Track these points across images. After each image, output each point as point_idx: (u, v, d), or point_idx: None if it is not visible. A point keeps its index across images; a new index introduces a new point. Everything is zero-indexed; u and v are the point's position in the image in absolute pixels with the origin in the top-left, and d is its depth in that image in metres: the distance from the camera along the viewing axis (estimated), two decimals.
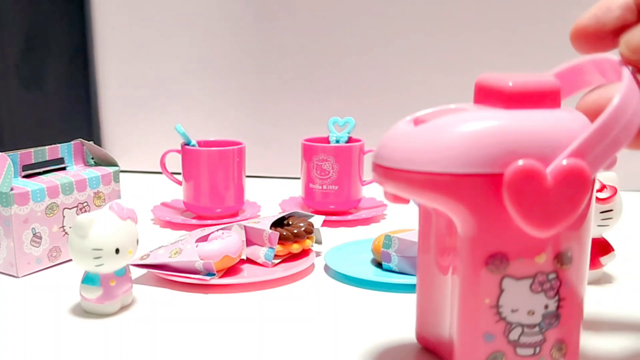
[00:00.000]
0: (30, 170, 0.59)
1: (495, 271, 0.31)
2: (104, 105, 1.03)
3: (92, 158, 0.65)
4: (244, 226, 0.58)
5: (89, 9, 1.00)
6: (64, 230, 0.58)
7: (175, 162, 0.76)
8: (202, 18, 0.97)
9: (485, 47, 0.89)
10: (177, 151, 0.74)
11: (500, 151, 0.29)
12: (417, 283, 0.38)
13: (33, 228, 0.55)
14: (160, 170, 0.77)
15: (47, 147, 0.61)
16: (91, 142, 0.64)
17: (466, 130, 0.30)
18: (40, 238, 0.56)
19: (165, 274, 0.52)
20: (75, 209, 0.59)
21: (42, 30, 1.03)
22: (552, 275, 0.32)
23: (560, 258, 0.32)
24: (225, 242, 0.53)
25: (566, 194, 0.29)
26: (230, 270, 0.55)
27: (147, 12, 0.98)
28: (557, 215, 0.30)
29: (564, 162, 0.29)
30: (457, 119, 0.30)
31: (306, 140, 0.76)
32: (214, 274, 0.52)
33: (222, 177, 0.71)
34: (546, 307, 0.32)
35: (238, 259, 0.55)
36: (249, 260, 0.57)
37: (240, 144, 0.74)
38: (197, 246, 0.53)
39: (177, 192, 0.78)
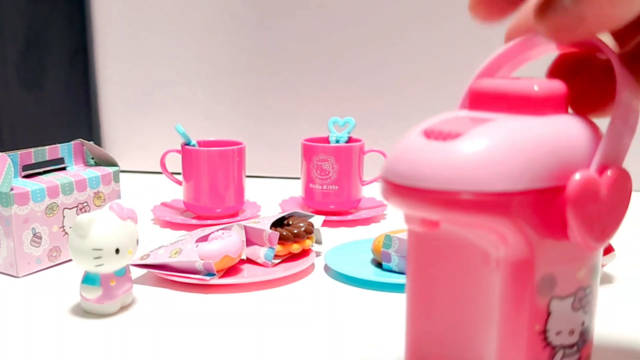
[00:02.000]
0: (31, 170, 0.59)
1: (545, 294, 0.29)
2: (104, 105, 1.03)
3: (92, 158, 0.65)
4: (244, 226, 0.58)
5: (89, 9, 1.00)
6: (64, 230, 0.58)
7: (175, 162, 0.76)
8: (202, 18, 0.97)
9: (486, 48, 0.88)
10: (177, 151, 0.74)
11: (555, 163, 0.27)
12: (409, 307, 0.33)
13: (33, 228, 0.55)
14: (160, 170, 0.77)
15: (47, 147, 0.61)
16: (91, 142, 0.64)
17: (515, 142, 0.26)
18: (40, 238, 0.56)
19: (165, 274, 0.52)
20: (76, 209, 0.59)
21: (42, 30, 1.03)
22: (588, 290, 0.30)
23: (594, 270, 0.30)
24: (225, 242, 0.53)
25: (617, 203, 0.28)
26: (230, 270, 0.55)
27: (147, 12, 0.98)
28: (611, 225, 0.29)
29: (609, 171, 0.28)
30: (496, 130, 0.27)
31: (306, 140, 0.76)
32: (214, 274, 0.52)
33: (222, 177, 0.71)
34: (583, 323, 0.31)
35: (238, 259, 0.55)
36: (249, 260, 0.57)
37: (240, 144, 0.74)
38: (197, 246, 0.53)
39: (177, 192, 0.78)
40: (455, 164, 0.26)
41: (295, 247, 0.57)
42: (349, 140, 0.76)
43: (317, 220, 0.61)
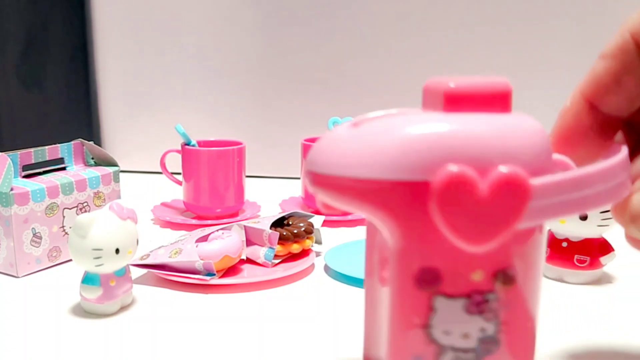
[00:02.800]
0: (30, 170, 0.59)
1: (426, 288, 0.28)
2: (104, 105, 1.03)
3: (92, 158, 0.65)
4: (244, 226, 0.58)
5: (89, 8, 1.00)
6: (64, 230, 0.58)
7: (175, 162, 0.76)
8: (202, 18, 0.97)
9: (486, 49, 0.89)
10: (177, 151, 0.74)
11: (428, 157, 0.26)
12: (365, 301, 0.34)
13: (33, 228, 0.55)
14: (160, 170, 0.77)
15: (47, 147, 0.61)
16: (91, 142, 0.64)
17: (392, 134, 0.27)
18: (40, 238, 0.56)
19: (165, 274, 0.52)
20: (75, 209, 0.59)
21: (42, 30, 1.03)
22: (490, 296, 0.28)
23: (500, 276, 0.28)
24: (225, 242, 0.53)
25: (502, 205, 0.26)
26: (230, 270, 0.55)
27: (147, 12, 0.98)
28: (492, 228, 0.26)
29: (502, 169, 0.26)
30: (386, 123, 0.28)
31: (306, 140, 0.76)
32: (214, 274, 0.52)
33: (222, 177, 0.71)
34: (483, 330, 0.28)
35: (238, 259, 0.55)
36: (249, 260, 0.57)
37: (240, 144, 0.74)
38: (197, 246, 0.53)
39: (177, 192, 0.78)
40: (341, 151, 0.28)
41: (295, 247, 0.57)
42: None
43: (317, 220, 0.61)
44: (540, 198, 0.26)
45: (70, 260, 0.57)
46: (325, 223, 0.64)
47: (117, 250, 0.45)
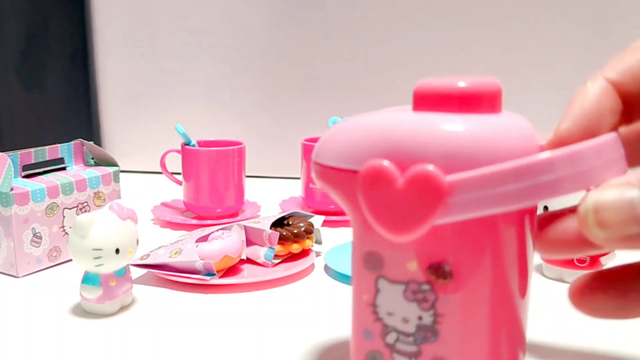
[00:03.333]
0: (30, 170, 0.59)
1: (372, 269, 0.31)
2: (104, 105, 1.03)
3: (92, 158, 0.65)
4: (244, 226, 0.58)
5: (89, 8, 1.00)
6: (64, 230, 0.58)
7: (175, 162, 0.76)
8: (202, 18, 0.97)
9: (487, 47, 0.89)
10: (177, 151, 0.74)
11: (366, 149, 0.29)
12: None
13: (33, 228, 0.55)
14: (160, 170, 0.77)
15: (47, 147, 0.61)
16: (91, 142, 0.64)
17: (350, 129, 0.30)
18: (40, 238, 0.56)
19: (165, 274, 0.52)
20: (75, 209, 0.59)
21: (42, 30, 1.03)
22: (425, 287, 0.29)
23: (434, 270, 0.29)
24: (225, 242, 0.53)
25: (417, 200, 0.27)
26: (230, 270, 0.55)
27: (147, 12, 0.98)
28: (410, 220, 0.27)
29: (418, 167, 0.27)
30: (358, 119, 0.31)
31: (306, 140, 0.76)
32: (214, 274, 0.52)
33: (222, 177, 0.71)
34: (420, 318, 0.30)
35: (238, 259, 0.55)
36: (249, 260, 0.57)
37: (240, 144, 0.74)
38: (197, 246, 0.53)
39: (177, 192, 0.78)
40: (322, 141, 0.32)
41: (295, 247, 0.57)
42: None
43: (317, 220, 0.61)
44: (461, 194, 0.26)
45: (70, 260, 0.57)
46: (325, 223, 0.65)
47: (117, 250, 0.45)
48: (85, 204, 0.60)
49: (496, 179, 0.26)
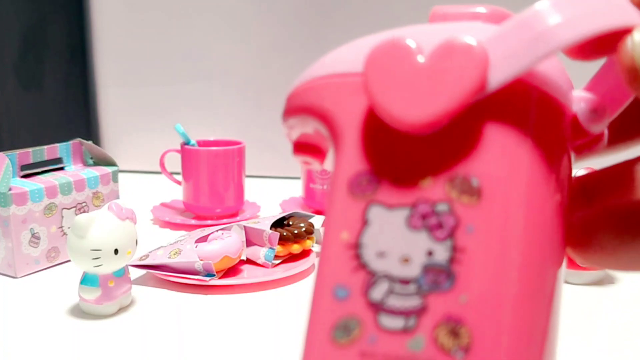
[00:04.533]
0: (29, 170, 0.59)
1: (360, 195, 0.22)
2: (102, 104, 1.03)
3: (91, 158, 0.64)
4: (244, 226, 0.58)
5: (87, 8, 1.00)
6: (63, 230, 0.57)
7: (174, 162, 0.75)
8: (202, 18, 0.97)
9: None
10: (177, 151, 0.74)
11: (364, 49, 0.22)
12: None
13: (31, 228, 0.55)
14: (159, 170, 0.77)
15: (45, 147, 0.60)
16: (90, 142, 0.64)
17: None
18: (39, 238, 0.55)
19: (165, 274, 0.52)
20: (74, 209, 0.58)
21: (41, 29, 1.03)
22: (441, 206, 0.21)
23: (458, 183, 0.21)
24: (225, 242, 0.53)
25: (444, 69, 0.20)
26: (230, 271, 0.54)
27: (145, 11, 0.98)
28: (433, 96, 0.20)
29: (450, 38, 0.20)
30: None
31: None
32: (214, 275, 0.51)
33: (221, 177, 0.71)
34: (430, 253, 0.21)
35: (238, 260, 0.54)
36: (249, 261, 0.57)
37: (240, 144, 0.73)
38: (196, 247, 0.52)
39: (176, 192, 0.77)
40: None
41: (296, 248, 0.57)
42: None
43: (317, 221, 0.61)
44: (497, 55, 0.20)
45: (69, 260, 0.57)
46: None
47: (116, 251, 0.45)
48: (84, 204, 0.59)
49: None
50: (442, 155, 0.21)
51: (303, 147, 0.26)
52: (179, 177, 0.74)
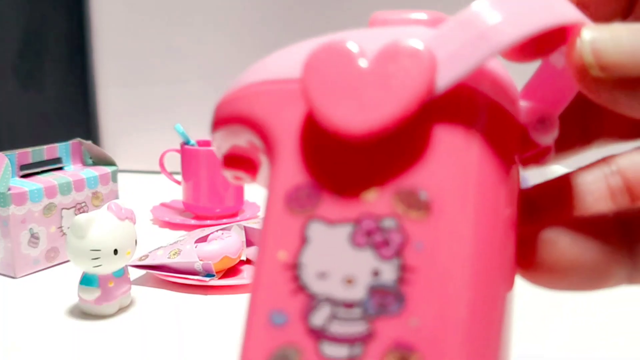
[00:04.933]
0: (28, 170, 0.59)
1: (299, 211, 0.20)
2: (102, 104, 1.03)
3: (90, 158, 0.64)
4: (244, 226, 0.57)
5: (87, 7, 1.00)
6: (62, 230, 0.57)
7: (174, 162, 0.75)
8: (202, 17, 0.97)
9: None
10: (177, 151, 0.74)
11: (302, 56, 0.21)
12: None
13: (31, 228, 0.54)
14: (159, 170, 0.77)
15: (44, 146, 0.60)
16: (89, 142, 0.63)
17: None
18: (38, 238, 0.55)
19: (164, 274, 0.52)
20: (73, 209, 0.58)
21: (40, 29, 1.03)
22: (387, 222, 0.19)
23: (405, 197, 0.19)
24: (224, 242, 0.53)
25: (389, 73, 0.19)
26: (230, 271, 0.54)
27: (146, 11, 0.98)
28: (377, 101, 0.19)
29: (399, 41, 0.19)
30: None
31: None
32: (214, 275, 0.51)
33: (221, 177, 0.71)
34: (376, 273, 0.19)
35: (238, 260, 0.54)
36: (249, 261, 0.57)
37: None
38: (196, 247, 0.52)
39: (176, 192, 0.77)
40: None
41: None
42: None
43: None
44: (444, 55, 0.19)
45: (68, 261, 0.56)
46: None
47: (116, 251, 0.45)
48: (83, 204, 0.59)
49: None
50: (387, 165, 0.19)
51: (234, 161, 0.24)
52: (179, 177, 0.74)
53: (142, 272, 0.55)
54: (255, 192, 0.82)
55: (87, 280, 0.46)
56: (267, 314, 0.20)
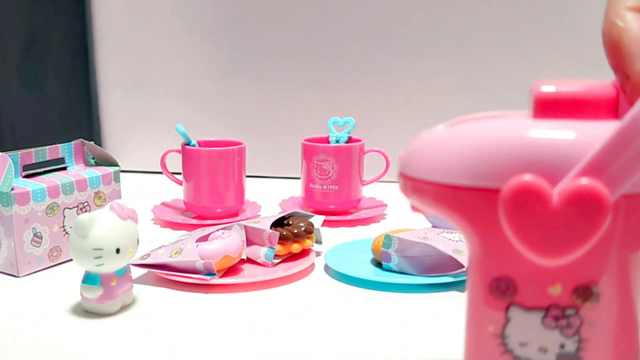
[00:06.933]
0: (31, 170, 0.59)
1: (500, 297, 0.27)
2: (104, 105, 1.03)
3: (93, 158, 0.65)
4: (244, 226, 0.58)
5: (89, 9, 1.00)
6: (65, 230, 0.58)
7: (175, 162, 0.76)
8: (202, 18, 0.97)
9: (483, 47, 0.89)
10: (178, 151, 0.74)
11: (502, 164, 0.25)
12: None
13: (34, 228, 0.55)
14: (160, 170, 0.77)
15: (47, 147, 0.61)
16: (92, 142, 0.64)
17: (470, 140, 0.27)
18: (41, 238, 0.56)
19: (166, 273, 0.52)
20: (76, 208, 0.59)
21: (43, 30, 1.03)
22: (569, 311, 0.27)
23: (581, 293, 0.27)
24: (225, 241, 0.53)
25: (576, 218, 0.25)
26: (231, 270, 0.55)
27: (147, 12, 0.98)
28: (566, 242, 0.25)
29: (575, 181, 0.24)
30: (473, 126, 0.28)
31: (306, 140, 0.76)
32: (214, 274, 0.52)
33: (222, 177, 0.71)
34: (562, 346, 0.27)
35: (238, 259, 0.55)
36: (249, 260, 0.57)
37: (240, 144, 0.74)
38: (197, 246, 0.53)
39: (177, 192, 0.78)
40: (423, 153, 0.28)
41: (296, 247, 0.57)
42: (349, 140, 0.76)
43: (317, 220, 0.61)
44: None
45: (71, 260, 0.57)
46: (326, 223, 0.65)
47: (118, 250, 0.45)
48: (85, 204, 0.60)
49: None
50: (568, 269, 0.26)
51: (419, 210, 0.30)
52: (180, 177, 0.75)
53: (144, 270, 0.55)
54: (255, 192, 0.82)
55: (89, 279, 0.46)
56: None
